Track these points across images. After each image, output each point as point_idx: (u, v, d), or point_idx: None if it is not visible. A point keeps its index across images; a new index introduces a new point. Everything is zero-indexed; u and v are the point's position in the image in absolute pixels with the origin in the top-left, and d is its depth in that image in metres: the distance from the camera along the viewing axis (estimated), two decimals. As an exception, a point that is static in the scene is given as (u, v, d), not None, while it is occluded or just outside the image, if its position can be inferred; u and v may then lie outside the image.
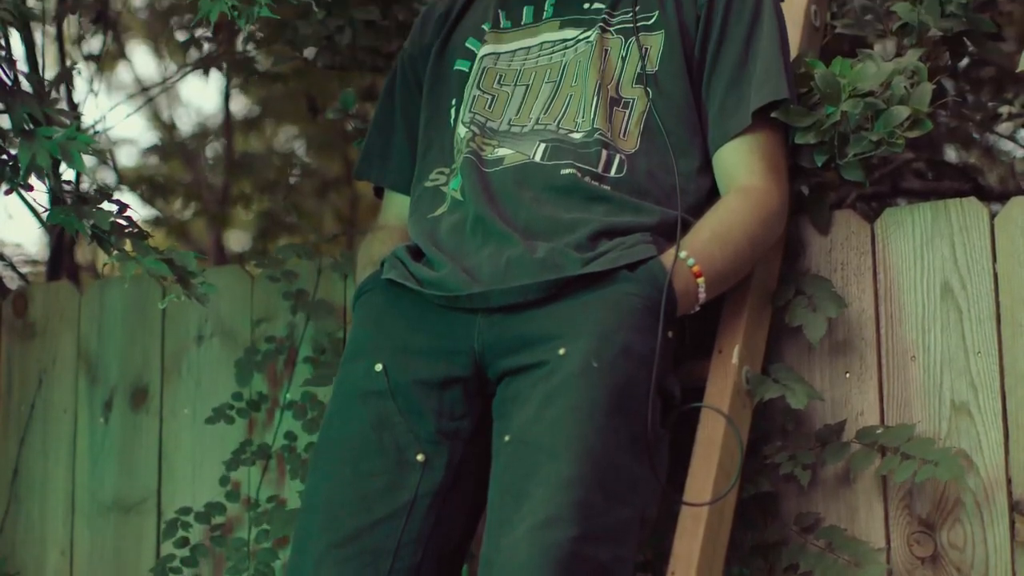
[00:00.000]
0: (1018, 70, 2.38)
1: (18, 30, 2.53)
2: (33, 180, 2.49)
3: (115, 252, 2.51)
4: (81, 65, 4.81)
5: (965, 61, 3.70)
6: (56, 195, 2.56)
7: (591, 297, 2.38)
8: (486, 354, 2.42)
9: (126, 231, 2.54)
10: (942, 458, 2.49)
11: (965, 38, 2.91)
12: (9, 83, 2.56)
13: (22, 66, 3.71)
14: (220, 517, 3.21)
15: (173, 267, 2.54)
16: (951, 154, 4.61)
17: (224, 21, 2.48)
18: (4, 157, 2.50)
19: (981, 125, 3.92)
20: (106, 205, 2.56)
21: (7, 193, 2.51)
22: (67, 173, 3.10)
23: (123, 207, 2.56)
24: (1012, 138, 4.29)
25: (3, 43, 2.63)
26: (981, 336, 2.59)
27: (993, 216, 2.62)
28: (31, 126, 2.49)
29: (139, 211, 6.57)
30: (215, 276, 3.33)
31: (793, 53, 2.77)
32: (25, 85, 2.59)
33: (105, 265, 2.52)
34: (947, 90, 3.46)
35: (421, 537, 2.39)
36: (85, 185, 4.49)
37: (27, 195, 2.56)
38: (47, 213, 2.51)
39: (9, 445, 3.48)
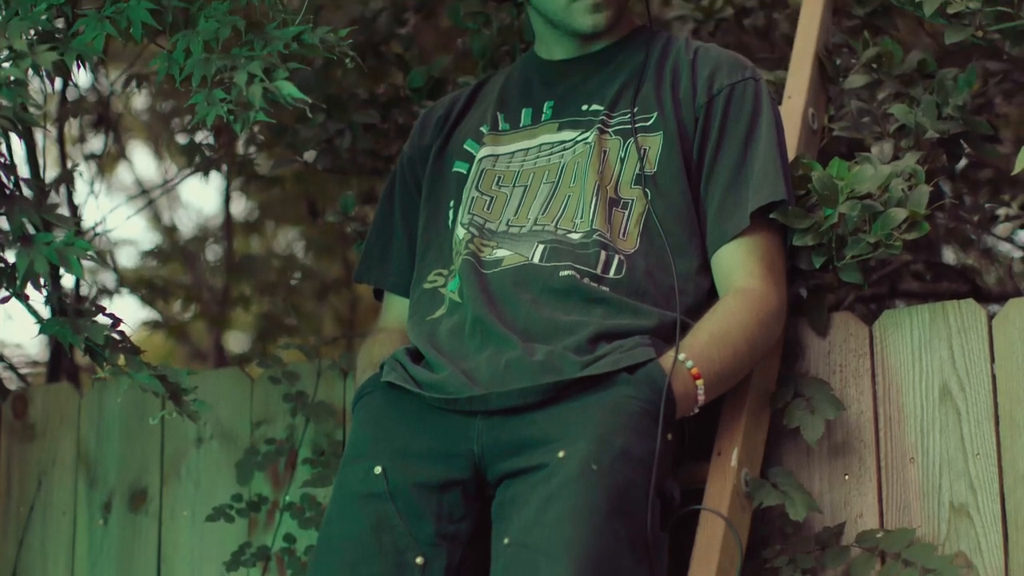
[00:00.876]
0: (1015, 172, 2.40)
1: (19, 136, 2.55)
2: (31, 288, 2.50)
3: (108, 367, 2.52)
4: (82, 166, 4.85)
5: (963, 162, 3.72)
6: (53, 303, 2.57)
7: (590, 400, 2.38)
8: (485, 456, 2.42)
9: (120, 345, 2.55)
10: (943, 566, 2.47)
11: (962, 140, 2.93)
12: (9, 189, 2.58)
13: (23, 168, 3.75)
14: (220, 619, 3.19)
15: (166, 383, 2.55)
16: (949, 255, 4.62)
17: (223, 123, 2.50)
18: (2, 265, 2.52)
19: (979, 226, 3.94)
20: (100, 318, 2.57)
21: (3, 301, 2.52)
22: (67, 277, 3.12)
23: (116, 321, 2.57)
24: (1010, 239, 4.30)
25: (3, 149, 2.66)
26: (980, 437, 2.58)
27: (991, 317, 2.62)
28: (31, 231, 2.51)
29: (139, 313, 6.60)
30: (214, 378, 3.34)
31: (791, 155, 2.80)
32: (26, 190, 2.61)
33: (99, 377, 2.52)
34: (944, 192, 3.48)
35: None
36: (84, 289, 4.51)
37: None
38: (41, 325, 2.52)
39: (8, 546, 3.47)
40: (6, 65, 2.56)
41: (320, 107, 3.46)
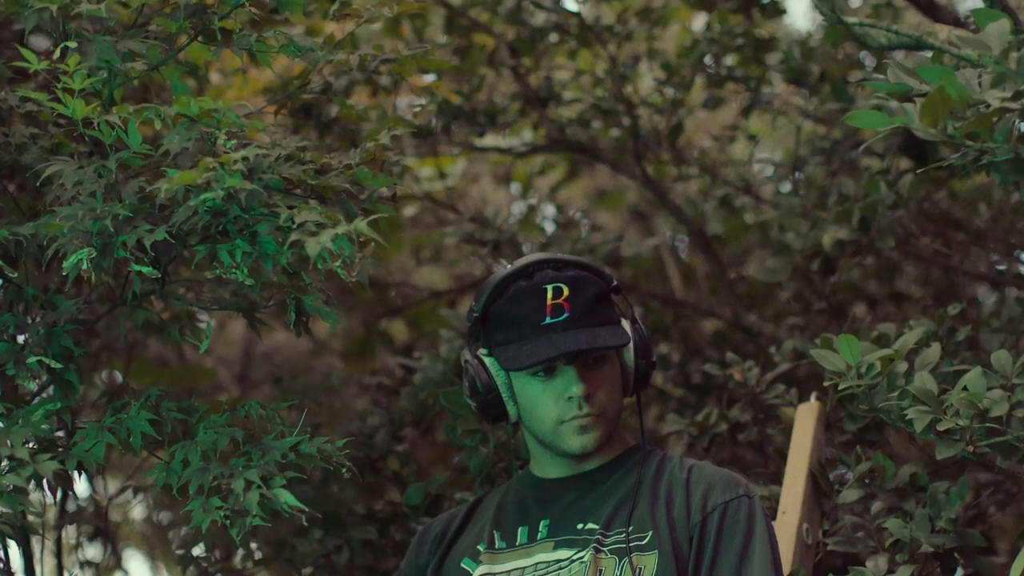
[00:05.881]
0: (1011, 585, 2.40)
1: (17, 543, 2.56)
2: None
3: None
4: (78, 574, 4.81)
5: (958, 573, 3.71)
6: None
7: None
8: None
9: None
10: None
11: (956, 553, 2.94)
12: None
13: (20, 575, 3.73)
14: None
15: None
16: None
17: (221, 536, 2.52)
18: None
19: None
20: None
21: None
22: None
23: None
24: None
25: (2, 555, 2.66)
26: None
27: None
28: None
29: None
30: None
31: (785, 570, 2.79)
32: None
33: None
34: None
35: None
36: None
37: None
38: None
39: None
40: (7, 473, 2.59)
41: (317, 518, 3.47)
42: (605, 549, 2.69)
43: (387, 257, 5.52)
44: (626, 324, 2.80)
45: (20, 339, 2.79)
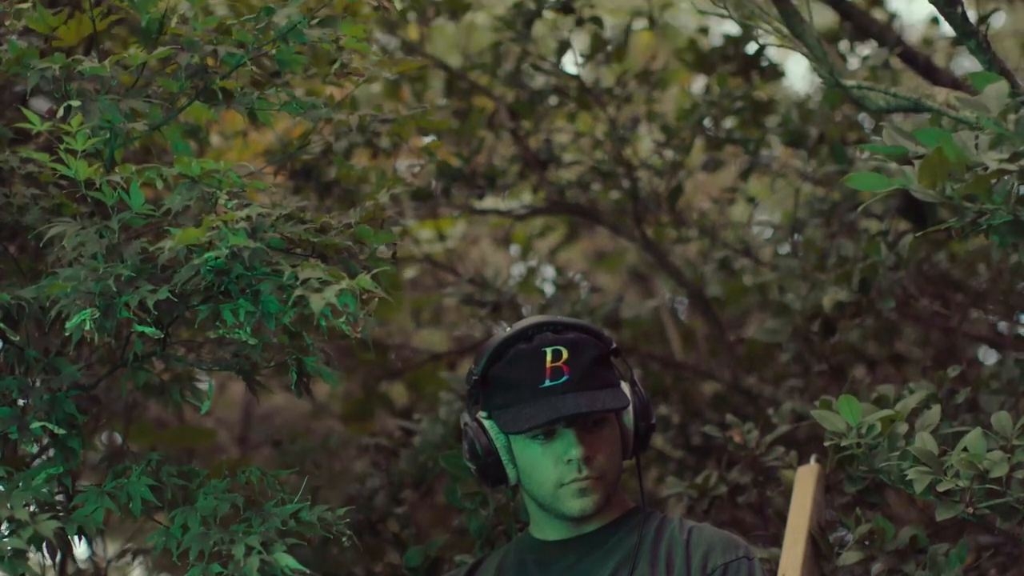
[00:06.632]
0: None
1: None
2: None
3: None
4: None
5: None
6: None
7: None
8: None
9: None
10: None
11: None
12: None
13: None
14: None
15: None
16: None
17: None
18: None
19: None
20: None
21: None
22: None
23: None
24: None
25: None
26: None
27: None
28: None
29: None
30: None
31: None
32: None
33: None
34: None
35: None
36: None
37: None
38: None
39: None
40: (8, 536, 2.58)
41: (318, 579, 3.46)
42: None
43: (387, 319, 5.53)
44: (625, 386, 2.80)
45: (21, 402, 2.79)
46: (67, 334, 2.61)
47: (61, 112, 2.73)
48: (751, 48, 4.87)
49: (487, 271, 5.02)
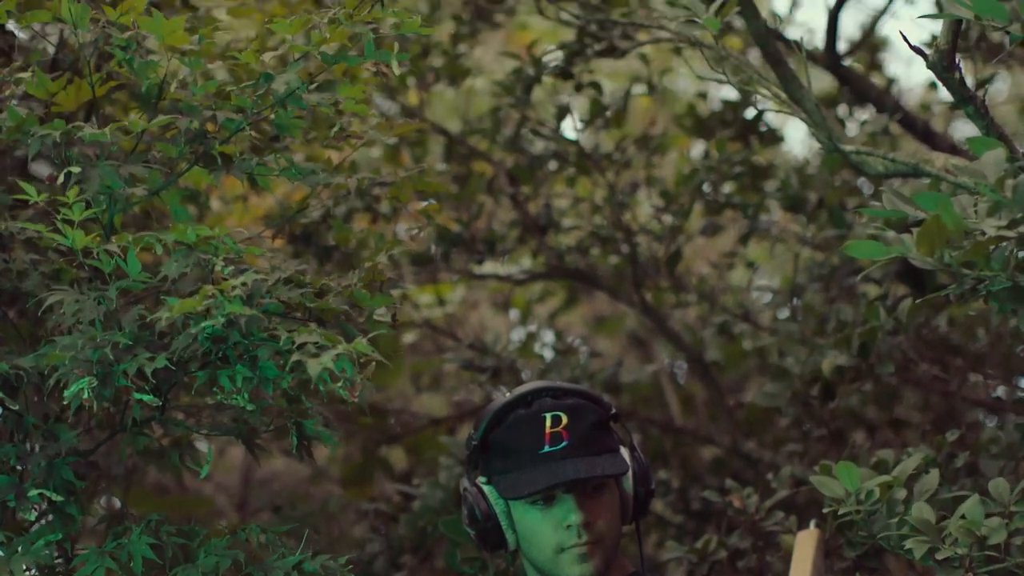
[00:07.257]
0: None
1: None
2: None
3: None
4: None
5: None
6: None
7: None
8: None
9: None
10: None
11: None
12: None
13: None
14: None
15: None
16: None
17: None
18: None
19: None
20: None
21: None
22: None
23: None
24: None
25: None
26: None
27: None
28: None
29: None
30: None
31: None
32: None
33: None
34: None
35: None
36: None
37: None
38: None
39: None
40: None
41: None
42: None
43: (387, 384, 5.53)
44: (625, 452, 2.80)
45: (19, 468, 2.79)
46: (65, 402, 2.61)
47: (61, 178, 2.74)
48: (750, 113, 4.89)
49: (487, 336, 5.03)
